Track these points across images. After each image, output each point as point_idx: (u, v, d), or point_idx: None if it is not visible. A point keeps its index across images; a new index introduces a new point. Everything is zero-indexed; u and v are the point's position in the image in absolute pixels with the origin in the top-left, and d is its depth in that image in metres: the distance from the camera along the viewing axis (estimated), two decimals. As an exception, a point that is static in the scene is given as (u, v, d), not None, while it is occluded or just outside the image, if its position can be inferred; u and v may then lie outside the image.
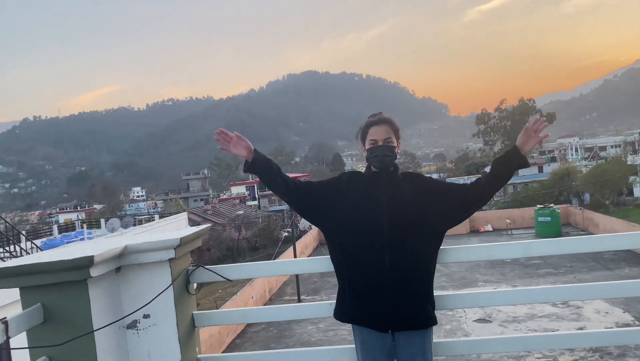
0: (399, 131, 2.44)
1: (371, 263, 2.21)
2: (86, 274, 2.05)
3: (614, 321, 10.47)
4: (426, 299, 2.26)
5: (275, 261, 2.46)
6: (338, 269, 2.33)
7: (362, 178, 2.40)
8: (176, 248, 2.29)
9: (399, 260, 2.19)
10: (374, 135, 2.37)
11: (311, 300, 15.37)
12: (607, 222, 18.85)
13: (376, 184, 2.33)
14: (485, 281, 14.84)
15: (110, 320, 2.22)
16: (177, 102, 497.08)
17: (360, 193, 2.33)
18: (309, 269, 2.46)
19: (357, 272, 2.24)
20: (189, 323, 2.49)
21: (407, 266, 2.20)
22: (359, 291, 2.24)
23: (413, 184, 2.36)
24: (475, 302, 2.46)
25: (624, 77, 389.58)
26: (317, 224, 2.42)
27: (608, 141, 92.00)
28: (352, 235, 2.26)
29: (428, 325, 2.24)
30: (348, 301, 2.28)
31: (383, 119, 2.40)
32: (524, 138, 2.30)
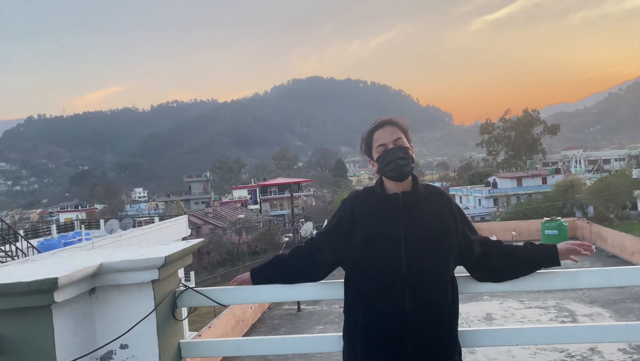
0: (408, 131, 2.02)
1: (388, 309, 1.83)
2: (49, 300, 1.71)
3: (627, 342, 10.08)
4: (454, 347, 1.89)
5: (275, 285, 2.11)
6: (349, 314, 1.96)
7: (371, 204, 1.96)
8: (160, 267, 1.95)
9: (421, 303, 1.82)
10: (381, 139, 1.96)
11: (311, 310, 14.99)
12: (615, 237, 18.49)
13: (390, 212, 1.90)
14: (491, 295, 14.44)
15: (81, 352, 1.88)
16: (182, 104, 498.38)
17: (370, 226, 1.91)
18: (317, 295, 2.11)
19: (372, 320, 1.86)
20: (175, 354, 2.15)
21: (432, 309, 1.83)
22: (374, 340, 1.85)
23: (439, 207, 1.94)
24: (508, 340, 2.11)
25: (629, 90, 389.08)
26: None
27: (612, 154, 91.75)
28: (365, 278, 1.89)
29: None
30: (360, 351, 1.89)
31: (387, 121, 2.01)
32: (567, 253, 2.00)
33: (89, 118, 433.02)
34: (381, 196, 1.95)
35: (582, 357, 9.56)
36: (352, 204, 2.00)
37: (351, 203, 2.01)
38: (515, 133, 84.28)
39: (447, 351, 1.86)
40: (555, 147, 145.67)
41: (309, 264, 2.04)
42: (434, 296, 1.84)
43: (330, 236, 2.01)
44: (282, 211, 64.09)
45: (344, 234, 1.95)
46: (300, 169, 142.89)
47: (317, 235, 2.09)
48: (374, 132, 2.00)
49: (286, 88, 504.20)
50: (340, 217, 2.00)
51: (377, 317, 1.85)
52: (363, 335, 1.88)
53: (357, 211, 1.95)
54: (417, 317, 1.81)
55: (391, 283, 1.83)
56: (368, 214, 1.93)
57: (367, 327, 1.87)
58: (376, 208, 1.94)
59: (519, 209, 44.73)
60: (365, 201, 1.99)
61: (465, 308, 13.17)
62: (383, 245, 1.86)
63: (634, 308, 12.54)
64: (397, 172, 1.91)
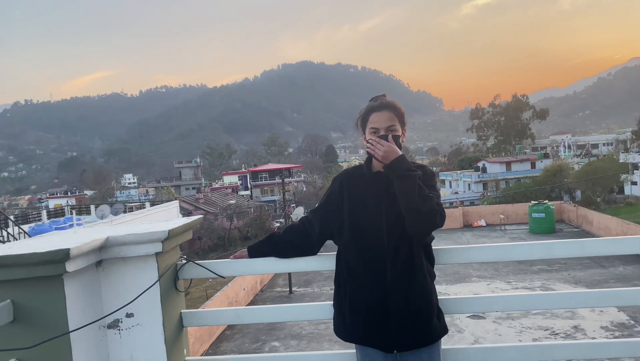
0: (405, 117, 2.13)
1: (372, 278, 1.97)
2: (62, 269, 1.82)
3: (608, 320, 10.39)
4: (433, 311, 2.02)
5: (271, 258, 2.24)
6: (339, 284, 2.11)
7: (358, 180, 2.10)
8: (164, 241, 2.07)
9: (401, 273, 1.96)
10: (375, 122, 2.07)
11: (303, 292, 15.21)
12: (601, 219, 18.81)
13: (374, 188, 2.04)
14: (478, 277, 14.74)
15: (89, 320, 2.00)
16: (171, 90, 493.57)
17: (356, 200, 2.05)
18: (309, 267, 2.24)
19: (358, 289, 2.01)
20: (177, 323, 2.28)
21: (411, 278, 1.97)
22: (360, 309, 2.00)
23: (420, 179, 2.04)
24: (488, 307, 2.26)
25: (617, 75, 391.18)
26: None
27: (600, 139, 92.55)
28: (350, 248, 2.04)
29: (436, 339, 2.02)
30: (349, 319, 2.04)
31: (386, 104, 2.10)
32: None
33: (77, 104, 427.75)
34: (367, 173, 2.09)
35: (566, 334, 9.85)
36: (341, 180, 2.14)
37: (340, 179, 2.14)
38: (505, 118, 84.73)
39: (428, 313, 1.99)
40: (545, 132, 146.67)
41: (302, 240, 2.17)
42: (413, 265, 1.97)
43: (322, 211, 2.15)
44: (273, 197, 64.15)
45: (333, 208, 2.10)
46: (291, 155, 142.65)
47: (310, 212, 2.22)
48: (371, 113, 2.09)
49: (276, 73, 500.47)
50: (331, 193, 2.14)
51: (363, 286, 1.99)
52: (351, 306, 2.02)
53: (346, 187, 2.10)
54: (397, 284, 1.95)
55: (374, 253, 1.97)
56: (355, 189, 2.08)
57: (354, 296, 2.01)
58: (362, 184, 2.08)
59: (508, 193, 45.16)
60: (354, 177, 2.13)
61: (453, 289, 13.44)
62: (367, 218, 2.01)
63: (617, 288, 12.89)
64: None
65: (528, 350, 2.23)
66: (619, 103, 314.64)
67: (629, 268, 14.71)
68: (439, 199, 2.00)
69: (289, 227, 2.28)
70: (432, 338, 2.00)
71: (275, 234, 2.28)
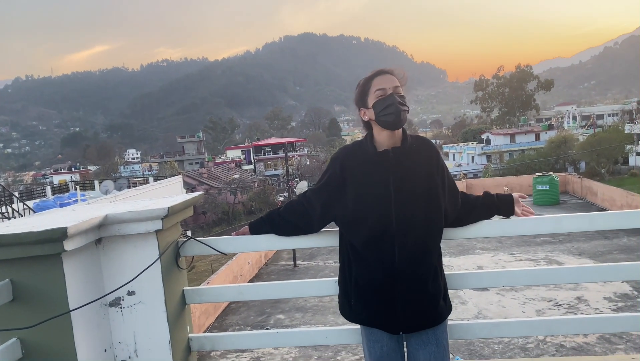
0: (405, 87, 2.00)
1: (379, 262, 1.89)
2: (60, 248, 1.79)
3: (612, 291, 10.42)
4: (440, 293, 1.97)
5: (273, 235, 2.20)
6: (343, 264, 2.04)
7: (361, 160, 1.96)
8: (163, 218, 2.03)
9: (409, 257, 1.88)
10: (381, 84, 1.93)
11: (307, 265, 15.31)
12: (605, 191, 18.75)
13: (380, 170, 1.92)
14: (482, 249, 14.77)
15: (90, 298, 1.98)
16: (172, 63, 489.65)
17: (361, 183, 1.93)
18: (310, 244, 2.20)
19: (364, 272, 1.93)
20: (179, 300, 2.26)
21: (419, 261, 1.90)
22: (366, 292, 1.93)
23: (428, 160, 1.97)
24: (495, 282, 2.23)
25: (624, 44, 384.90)
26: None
27: (606, 110, 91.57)
28: (357, 234, 1.93)
29: (442, 320, 1.98)
30: (354, 301, 1.98)
31: (387, 70, 1.98)
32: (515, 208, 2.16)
33: (78, 78, 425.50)
34: (371, 153, 1.95)
35: (569, 306, 9.90)
36: (342, 161, 1.99)
37: (341, 160, 2.00)
38: (509, 89, 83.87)
39: (435, 295, 1.94)
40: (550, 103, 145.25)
41: (302, 220, 2.10)
42: (422, 249, 1.90)
43: (322, 193, 2.03)
44: (276, 171, 64.16)
45: (335, 192, 1.98)
46: (294, 129, 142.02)
47: (309, 192, 2.10)
48: (373, 79, 1.97)
49: (278, 45, 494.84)
50: (331, 175, 2.01)
51: (369, 271, 1.91)
52: (356, 288, 1.96)
53: (347, 169, 1.96)
54: (405, 270, 1.87)
55: (381, 238, 1.88)
56: (358, 171, 1.94)
57: (360, 280, 1.94)
58: (367, 165, 1.94)
59: (512, 165, 45.00)
60: (356, 157, 1.98)
61: (457, 261, 13.49)
62: (374, 203, 1.90)
63: (620, 259, 12.89)
64: (396, 116, 1.89)
65: (533, 324, 2.21)
66: (625, 73, 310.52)
67: (633, 240, 14.70)
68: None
69: (288, 205, 2.16)
70: (438, 319, 1.96)
71: (274, 213, 2.18)
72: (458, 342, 8.19)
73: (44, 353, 1.88)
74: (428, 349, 1.93)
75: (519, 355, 7.81)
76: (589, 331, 2.24)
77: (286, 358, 8.64)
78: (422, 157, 1.96)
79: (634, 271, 2.19)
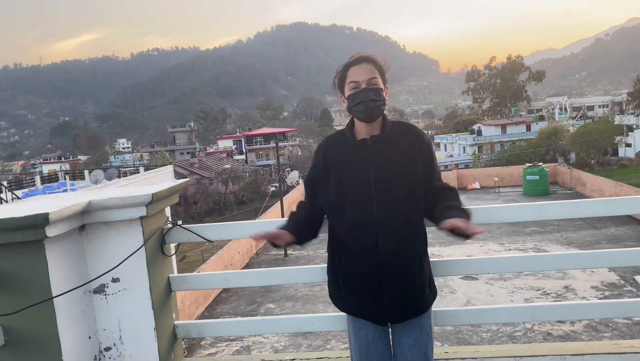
0: (386, 73, 1.94)
1: (364, 251, 1.87)
2: (42, 234, 1.77)
3: (599, 280, 10.55)
4: (425, 282, 1.95)
5: (262, 220, 2.19)
6: (332, 253, 2.02)
7: (342, 148, 1.94)
8: (148, 204, 2.02)
9: (394, 246, 1.85)
10: (355, 76, 1.88)
11: (298, 254, 15.32)
12: (594, 181, 18.89)
13: (359, 158, 1.89)
14: (471, 239, 14.86)
15: (74, 285, 1.97)
16: (163, 52, 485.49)
17: (341, 171, 1.91)
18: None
19: (351, 262, 1.92)
20: (165, 287, 2.25)
21: (404, 248, 1.87)
22: (353, 283, 1.92)
23: (409, 146, 1.91)
24: (481, 269, 2.24)
25: (615, 36, 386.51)
26: None
27: (596, 101, 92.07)
28: (340, 223, 1.92)
29: (427, 307, 1.98)
30: (343, 291, 1.97)
31: (364, 57, 1.91)
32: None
33: (68, 67, 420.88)
34: (351, 141, 1.94)
35: (557, 294, 10.01)
36: (324, 151, 1.98)
37: (323, 150, 1.99)
38: (501, 80, 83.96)
39: (421, 285, 1.93)
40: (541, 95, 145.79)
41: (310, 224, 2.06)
42: (406, 237, 1.88)
43: (308, 186, 2.05)
44: (268, 161, 64.02)
45: (319, 181, 1.98)
46: (286, 119, 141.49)
47: (307, 185, 2.08)
48: (349, 68, 1.92)
49: (270, 35, 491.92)
50: (315, 164, 2.01)
51: (355, 259, 1.90)
52: (344, 279, 1.95)
53: (329, 158, 1.95)
54: (391, 257, 1.85)
55: (364, 227, 1.86)
56: (339, 160, 1.93)
57: (347, 269, 1.93)
58: (346, 154, 1.93)
59: (502, 156, 45.21)
60: (337, 147, 1.97)
61: (446, 251, 13.58)
62: (354, 191, 1.88)
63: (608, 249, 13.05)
64: (366, 114, 1.87)
65: (518, 311, 2.23)
66: (616, 64, 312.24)
67: (621, 229, 14.86)
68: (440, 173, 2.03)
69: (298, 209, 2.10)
70: (424, 307, 1.96)
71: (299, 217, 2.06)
72: (446, 330, 8.27)
73: (27, 340, 1.87)
74: (412, 335, 1.94)
75: (506, 343, 7.90)
76: (573, 317, 2.26)
77: (276, 347, 8.67)
78: (403, 143, 1.92)
79: (617, 258, 2.21)
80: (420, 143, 1.95)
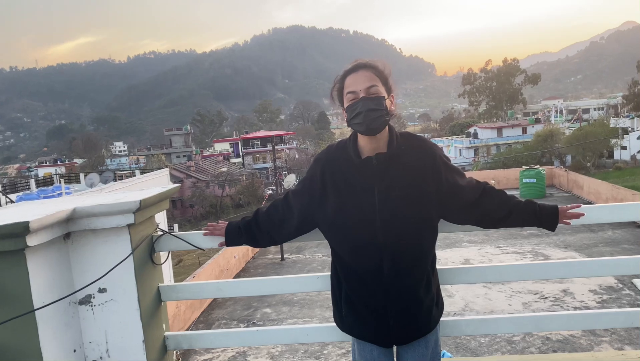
0: (389, 79, 1.78)
1: (369, 276, 1.75)
2: (22, 243, 1.68)
3: (597, 284, 10.50)
4: (433, 301, 1.85)
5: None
6: (335, 272, 1.89)
7: (344, 167, 1.77)
8: (135, 211, 1.93)
9: (400, 270, 1.74)
10: (352, 85, 1.72)
11: (295, 259, 15.24)
12: (591, 184, 18.88)
13: (363, 178, 1.74)
14: (469, 242, 14.80)
15: (58, 296, 1.88)
16: (159, 55, 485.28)
17: (343, 192, 1.75)
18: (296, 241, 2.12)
19: (354, 287, 1.80)
20: (154, 297, 2.16)
21: (409, 272, 1.76)
22: (357, 307, 1.82)
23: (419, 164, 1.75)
24: (482, 277, 2.16)
25: (610, 39, 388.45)
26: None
27: (591, 104, 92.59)
28: (341, 244, 1.79)
29: (434, 326, 1.88)
30: (346, 314, 1.87)
31: (362, 64, 1.75)
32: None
33: (64, 70, 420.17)
34: (354, 159, 1.76)
35: (555, 298, 9.94)
36: (323, 166, 1.81)
37: (322, 164, 1.82)
38: (497, 83, 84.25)
39: (427, 308, 1.83)
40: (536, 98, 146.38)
41: (277, 231, 1.95)
42: (412, 261, 1.76)
43: (301, 198, 1.88)
44: (264, 164, 63.91)
45: (315, 198, 1.82)
46: (283, 122, 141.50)
47: (291, 194, 1.92)
48: (346, 77, 1.76)
49: (267, 38, 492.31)
50: (312, 178, 1.84)
51: (359, 284, 1.79)
52: (347, 301, 1.85)
53: (328, 175, 1.79)
54: (396, 281, 1.75)
55: (367, 250, 1.74)
56: (340, 179, 1.77)
57: (351, 294, 1.83)
58: (349, 173, 1.76)
59: (499, 159, 45.26)
60: (338, 163, 1.79)
61: (444, 254, 13.51)
62: (357, 213, 1.73)
63: (605, 252, 12.98)
64: (365, 126, 1.69)
65: (520, 320, 2.15)
66: (611, 67, 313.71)
67: (618, 232, 14.82)
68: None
69: (270, 208, 1.98)
70: (431, 327, 1.86)
71: (252, 222, 1.99)
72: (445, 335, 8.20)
73: (8, 354, 1.78)
74: (417, 351, 1.85)
75: (505, 347, 7.83)
76: (575, 328, 2.19)
77: (272, 353, 8.58)
78: (413, 160, 1.76)
79: (620, 266, 2.14)
80: (433, 159, 1.78)
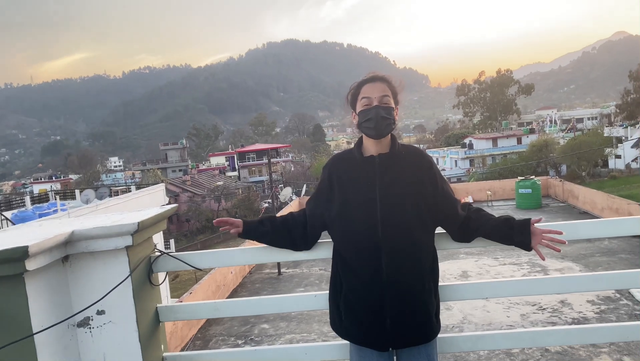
0: (398, 95, 1.98)
1: (367, 273, 1.83)
2: (21, 268, 1.69)
3: (594, 294, 10.49)
4: (432, 310, 1.90)
5: (253, 247, 2.12)
6: (335, 276, 1.98)
7: (348, 166, 1.95)
8: (134, 233, 1.94)
9: (399, 268, 1.82)
10: (367, 92, 1.91)
11: (292, 273, 15.18)
12: (586, 194, 18.94)
13: (366, 175, 1.89)
14: (466, 254, 14.78)
15: (57, 319, 1.88)
16: (154, 70, 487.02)
17: (346, 188, 1.90)
18: (288, 257, 2.13)
19: (353, 286, 1.87)
20: (152, 318, 2.17)
21: (408, 269, 1.83)
22: (355, 308, 1.87)
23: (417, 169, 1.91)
24: (481, 293, 2.17)
25: (602, 49, 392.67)
26: None
27: (585, 113, 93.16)
28: (343, 241, 1.90)
29: (434, 337, 1.92)
30: (344, 317, 1.92)
31: (379, 76, 1.95)
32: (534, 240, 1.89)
33: (59, 86, 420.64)
34: (358, 158, 1.94)
35: (553, 309, 9.93)
36: (330, 169, 1.99)
37: (329, 167, 2.00)
38: (490, 94, 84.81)
39: (424, 310, 1.87)
40: (530, 108, 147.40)
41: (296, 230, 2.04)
42: (411, 259, 1.83)
43: (312, 202, 2.04)
44: (260, 177, 63.94)
45: (324, 199, 1.97)
46: (278, 135, 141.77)
47: (307, 202, 2.09)
48: (363, 85, 1.95)
49: (261, 52, 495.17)
50: (321, 181, 2.01)
51: (357, 282, 1.86)
52: (346, 302, 1.90)
53: (335, 175, 1.95)
54: (394, 281, 1.81)
55: (367, 245, 1.83)
56: (345, 177, 1.93)
57: (350, 293, 1.89)
58: (353, 171, 1.93)
59: (494, 169, 45.43)
60: (343, 164, 1.98)
61: (442, 266, 13.42)
62: (359, 208, 1.86)
63: (602, 262, 13.00)
64: (375, 130, 1.88)
65: (517, 336, 2.16)
66: (603, 77, 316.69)
67: (614, 242, 14.84)
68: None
69: (288, 214, 2.10)
70: (430, 337, 1.90)
71: (271, 217, 2.11)
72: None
73: (7, 379, 1.78)
74: None
75: (504, 360, 7.80)
76: (572, 342, 2.20)
77: (271, 369, 8.49)
78: (410, 164, 1.92)
79: (614, 281, 2.16)
80: (430, 166, 1.95)
